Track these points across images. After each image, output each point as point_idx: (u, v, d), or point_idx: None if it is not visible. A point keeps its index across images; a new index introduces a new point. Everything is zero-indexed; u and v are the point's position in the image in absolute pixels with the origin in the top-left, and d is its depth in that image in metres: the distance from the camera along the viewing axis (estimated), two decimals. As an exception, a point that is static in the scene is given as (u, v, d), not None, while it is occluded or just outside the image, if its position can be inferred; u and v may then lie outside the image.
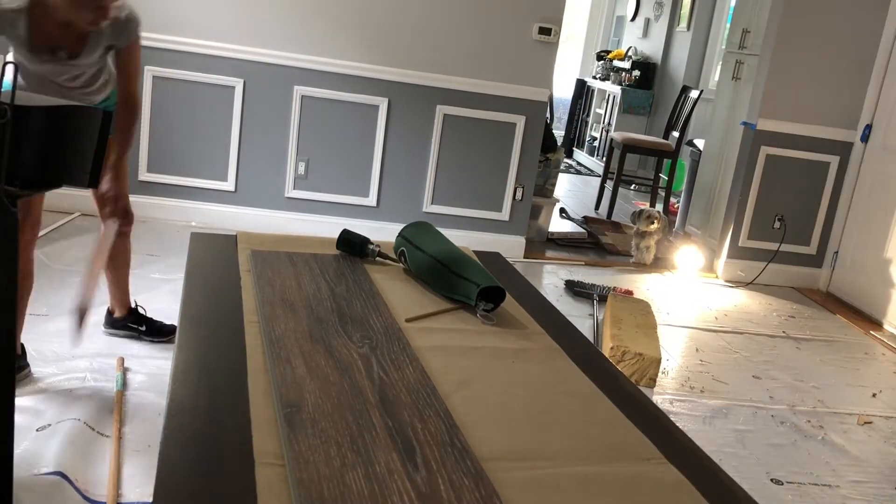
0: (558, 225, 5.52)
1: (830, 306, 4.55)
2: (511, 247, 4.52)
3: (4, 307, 1.26)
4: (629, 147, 6.10)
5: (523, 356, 1.42)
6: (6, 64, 1.13)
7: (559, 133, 8.38)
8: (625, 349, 3.09)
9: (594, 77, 8.82)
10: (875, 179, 4.50)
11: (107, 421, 2.30)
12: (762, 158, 4.61)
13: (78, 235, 3.80)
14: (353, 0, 4.16)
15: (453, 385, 1.26)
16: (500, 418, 1.18)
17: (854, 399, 3.31)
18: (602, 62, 8.74)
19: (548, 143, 4.90)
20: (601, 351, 2.22)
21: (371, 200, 4.43)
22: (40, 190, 1.28)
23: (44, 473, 2.01)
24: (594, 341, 3.51)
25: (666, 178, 6.38)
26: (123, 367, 2.62)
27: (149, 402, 2.44)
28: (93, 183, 1.33)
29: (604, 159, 7.35)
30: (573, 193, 6.92)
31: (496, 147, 4.46)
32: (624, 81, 8.03)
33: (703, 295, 4.45)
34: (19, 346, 2.54)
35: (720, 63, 6.13)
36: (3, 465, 1.30)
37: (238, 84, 4.18)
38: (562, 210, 5.92)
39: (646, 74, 8.02)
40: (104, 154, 1.35)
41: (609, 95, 8.25)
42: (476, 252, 2.01)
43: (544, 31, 4.31)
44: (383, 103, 4.30)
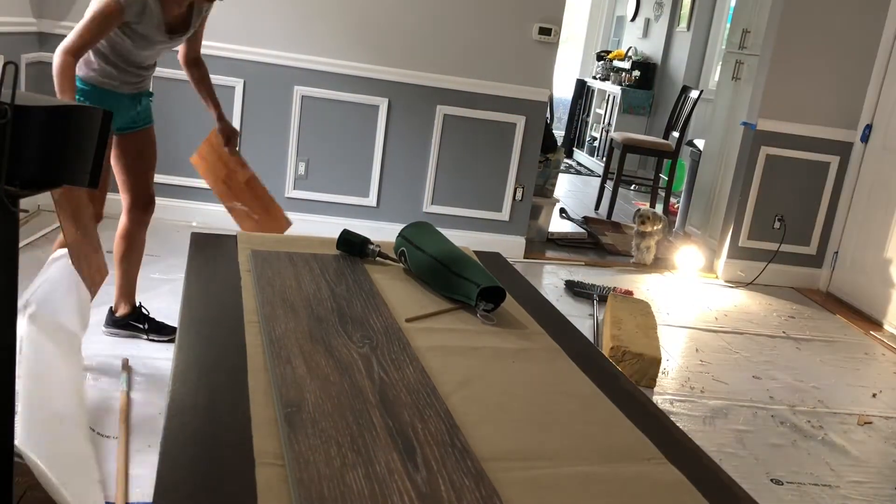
0: (558, 225, 5.52)
1: (830, 306, 4.55)
2: (511, 247, 4.52)
3: (4, 307, 1.26)
4: (629, 147, 6.10)
5: (523, 356, 1.42)
6: (6, 64, 1.13)
7: (559, 133, 8.38)
8: (625, 349, 3.09)
9: (594, 77, 8.82)
10: (875, 179, 4.50)
11: (107, 421, 2.30)
12: (762, 158, 4.61)
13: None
14: (353, 0, 4.16)
15: (453, 385, 1.26)
16: (500, 418, 1.18)
17: (854, 399, 3.31)
18: (602, 62, 8.74)
19: (548, 144, 4.90)
20: (601, 351, 2.22)
21: (371, 200, 4.43)
22: (41, 190, 1.28)
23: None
24: (594, 341, 3.51)
25: (666, 179, 6.38)
26: (129, 368, 2.62)
27: (149, 402, 2.44)
28: (93, 183, 1.33)
29: (604, 159, 7.35)
30: (573, 193, 6.91)
31: (496, 147, 4.46)
32: (624, 81, 8.03)
33: (703, 295, 4.45)
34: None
35: (720, 63, 6.13)
36: (3, 465, 1.30)
37: (238, 84, 4.18)
38: (562, 210, 5.92)
39: (646, 74, 8.02)
40: (104, 153, 1.35)
41: (609, 95, 8.25)
42: (476, 252, 2.01)
43: (544, 31, 4.31)
44: (383, 103, 4.30)
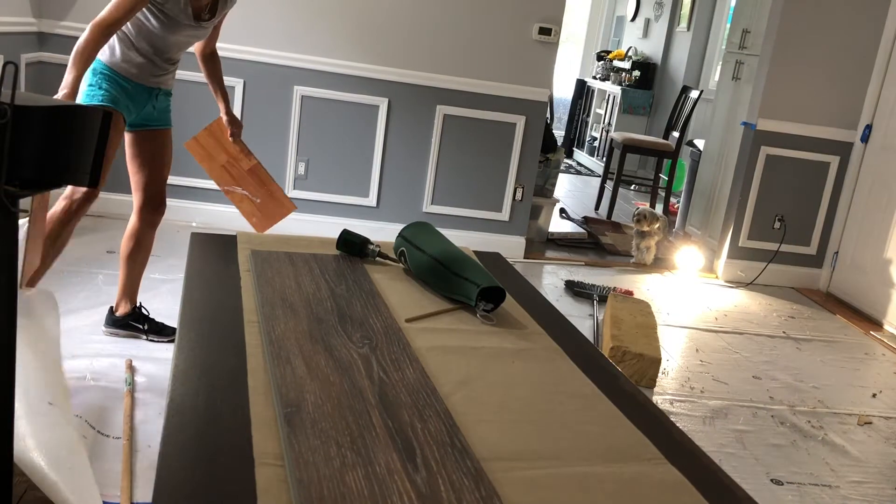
0: (558, 225, 5.52)
1: (830, 306, 4.55)
2: (511, 247, 4.51)
3: (4, 307, 1.26)
4: (629, 147, 6.10)
5: (523, 356, 1.42)
6: (6, 64, 1.13)
7: (559, 133, 8.38)
8: (625, 349, 3.09)
9: (594, 77, 8.82)
10: (875, 179, 4.50)
11: (108, 421, 2.30)
12: (762, 158, 4.61)
13: (81, 235, 3.79)
14: (353, 0, 4.16)
15: (453, 385, 1.26)
16: (500, 418, 1.18)
17: (854, 399, 3.31)
18: (602, 62, 8.74)
19: (548, 144, 4.90)
20: (601, 351, 2.22)
21: (371, 200, 4.43)
22: (41, 190, 1.28)
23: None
24: (594, 341, 3.51)
25: (666, 179, 6.38)
26: (133, 368, 2.62)
27: (149, 402, 2.44)
28: (93, 182, 1.33)
29: (604, 159, 7.35)
30: (573, 193, 6.91)
31: (496, 147, 4.46)
32: (624, 81, 8.02)
33: (703, 295, 4.45)
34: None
35: (720, 63, 6.13)
36: (3, 465, 1.30)
37: (238, 84, 4.18)
38: (562, 210, 5.92)
39: (646, 74, 8.02)
40: (104, 153, 1.35)
41: (609, 95, 8.25)
42: (476, 252, 2.01)
43: (544, 31, 4.31)
44: (383, 103, 4.30)
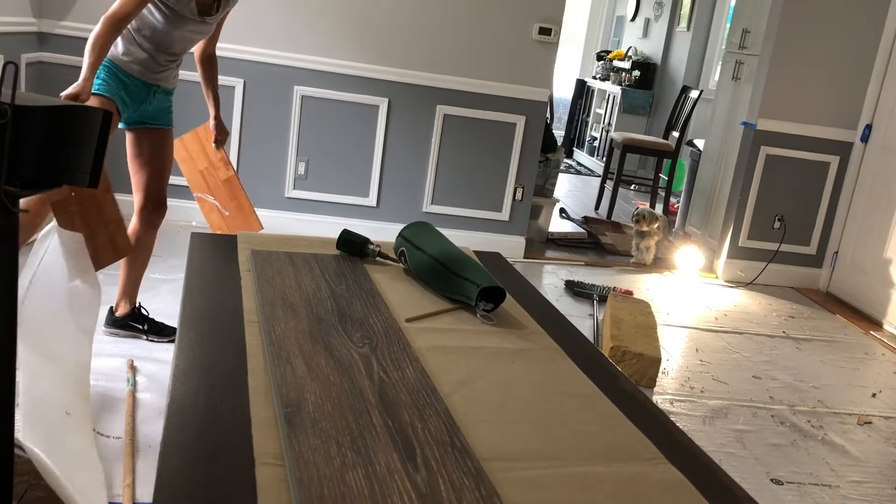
0: (558, 225, 5.52)
1: (830, 306, 4.55)
2: (511, 247, 4.51)
3: (5, 307, 1.26)
4: (629, 147, 6.10)
5: (523, 356, 1.42)
6: (6, 64, 1.13)
7: (559, 133, 8.38)
8: (625, 349, 3.09)
9: (594, 77, 8.82)
10: (875, 179, 4.50)
11: (108, 421, 2.30)
12: (762, 158, 4.61)
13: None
14: (353, 0, 4.16)
15: (453, 385, 1.26)
16: (500, 418, 1.18)
17: (854, 399, 3.31)
18: (602, 62, 8.74)
19: (548, 143, 4.90)
20: (601, 351, 2.22)
21: (371, 200, 4.43)
22: (41, 190, 1.28)
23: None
24: (594, 341, 3.51)
25: (666, 178, 6.38)
26: (135, 368, 2.62)
27: (149, 402, 2.44)
28: (93, 183, 1.33)
29: (604, 159, 7.35)
30: (573, 193, 6.91)
31: (496, 147, 4.46)
32: (624, 81, 8.02)
33: (703, 295, 4.45)
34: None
35: (720, 63, 6.13)
36: (3, 464, 1.30)
37: (238, 84, 4.18)
38: (562, 210, 5.92)
39: (646, 74, 8.02)
40: (104, 153, 1.35)
41: (609, 95, 8.25)
42: (476, 252, 2.01)
43: (544, 31, 4.31)
44: (383, 103, 4.30)
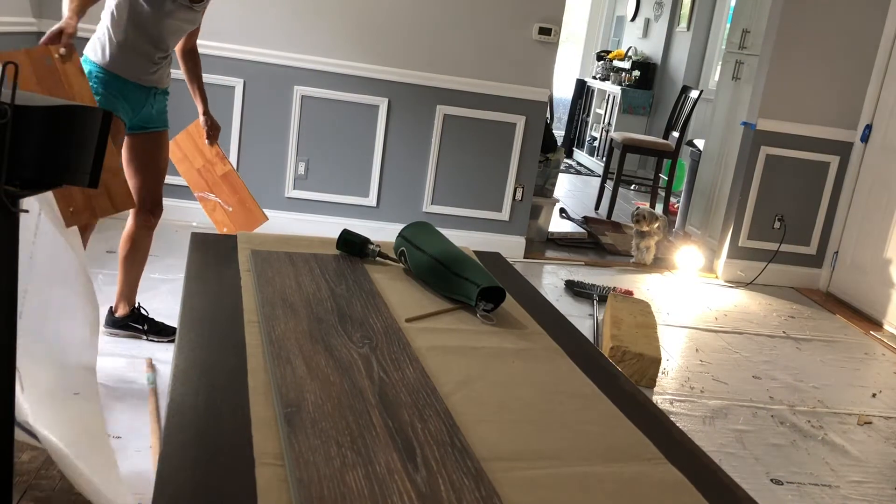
0: (558, 225, 5.52)
1: (830, 306, 4.55)
2: (511, 247, 4.51)
3: (5, 307, 1.26)
4: (629, 147, 6.10)
5: (523, 356, 1.42)
6: (6, 64, 1.13)
7: (559, 133, 8.38)
8: (625, 349, 3.09)
9: (594, 77, 8.82)
10: (875, 179, 4.50)
11: (108, 420, 2.30)
12: (762, 158, 4.61)
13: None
14: (353, 0, 4.16)
15: (453, 385, 1.26)
16: (500, 418, 1.18)
17: (854, 399, 3.31)
18: (602, 62, 8.73)
19: (548, 143, 4.90)
20: (601, 351, 2.22)
21: (371, 200, 4.43)
22: (41, 190, 1.28)
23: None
24: (594, 341, 3.51)
25: (666, 178, 6.37)
26: (153, 367, 2.62)
27: (149, 403, 2.44)
28: (93, 183, 1.33)
29: (604, 159, 7.35)
30: (573, 193, 6.91)
31: (496, 147, 4.46)
32: (624, 81, 8.02)
33: (703, 295, 4.45)
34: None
35: (720, 63, 6.13)
36: (3, 464, 1.30)
37: (238, 84, 4.18)
38: (562, 210, 5.91)
39: (646, 74, 8.01)
40: (104, 153, 1.35)
41: (609, 95, 8.24)
42: (476, 252, 2.01)
43: (544, 31, 4.31)
44: (383, 103, 4.30)
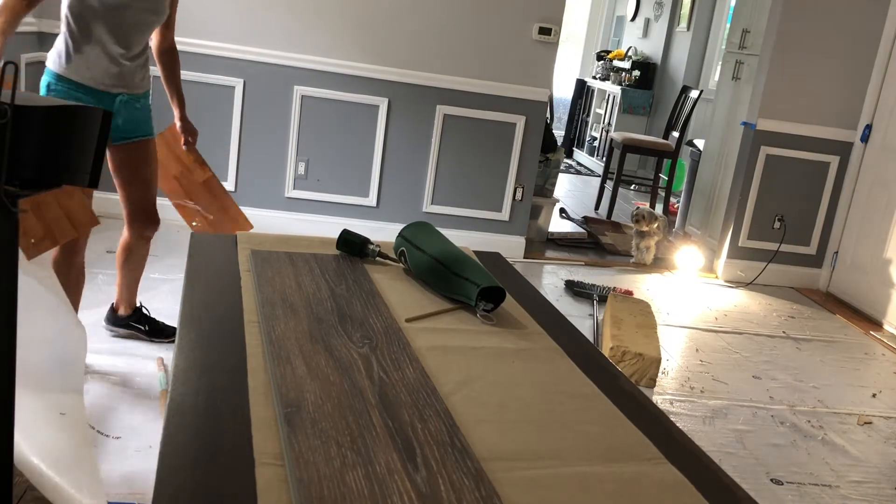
0: (558, 225, 5.52)
1: (830, 306, 4.55)
2: (511, 247, 4.51)
3: (5, 307, 1.26)
4: (629, 147, 6.10)
5: (523, 356, 1.42)
6: (6, 64, 1.13)
7: (559, 133, 8.38)
8: (625, 349, 3.09)
9: (594, 77, 8.82)
10: (875, 179, 4.50)
11: (108, 420, 2.30)
12: (762, 158, 4.61)
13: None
14: (354, 0, 4.16)
15: (453, 385, 1.26)
16: (500, 418, 1.18)
17: (854, 399, 3.31)
18: (602, 62, 8.73)
19: (548, 143, 4.90)
20: (601, 351, 2.22)
21: (371, 200, 4.43)
22: (40, 190, 1.28)
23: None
24: (594, 341, 3.51)
25: (666, 178, 6.38)
26: (165, 367, 2.62)
27: (149, 402, 2.44)
28: (93, 183, 1.33)
29: (604, 159, 7.35)
30: (573, 193, 6.91)
31: (496, 147, 4.46)
32: (624, 81, 8.02)
33: (703, 295, 4.45)
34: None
35: (720, 63, 6.13)
36: (3, 465, 1.30)
37: (238, 84, 4.18)
38: (562, 210, 5.91)
39: (646, 74, 8.01)
40: (104, 154, 1.35)
41: (609, 95, 8.24)
42: (476, 252, 2.01)
43: (544, 31, 4.31)
44: (383, 103, 4.30)
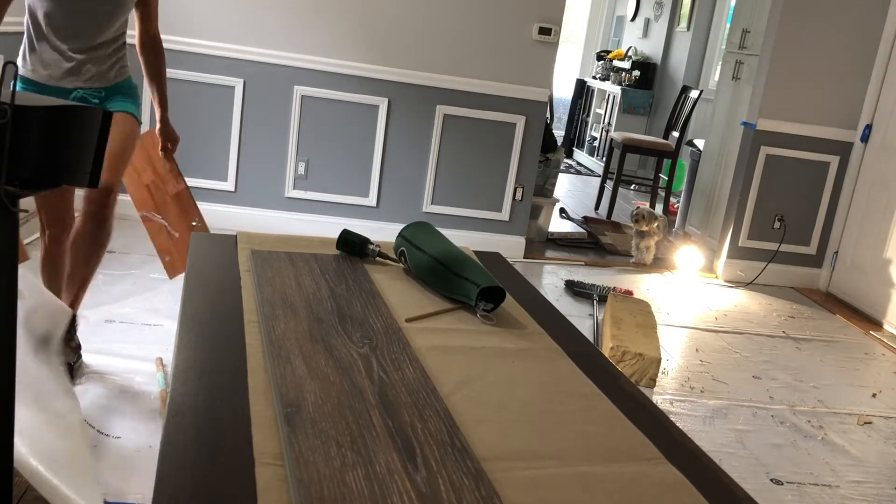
0: (558, 225, 5.52)
1: (830, 306, 4.55)
2: (511, 247, 4.51)
3: (4, 307, 1.26)
4: (629, 147, 6.10)
5: (523, 356, 1.42)
6: (6, 64, 1.13)
7: (559, 133, 8.38)
8: (625, 349, 3.09)
9: (594, 77, 8.82)
10: (875, 179, 4.50)
11: (108, 420, 2.30)
12: (762, 158, 4.61)
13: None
14: (353, 0, 4.16)
15: (453, 385, 1.26)
16: (500, 418, 1.18)
17: (854, 399, 3.31)
18: (602, 62, 8.73)
19: (548, 143, 4.90)
20: (601, 351, 2.22)
21: (371, 200, 4.43)
22: (40, 190, 1.28)
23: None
24: (594, 341, 3.51)
25: (666, 178, 6.37)
26: (164, 367, 2.62)
27: (149, 402, 2.44)
28: (93, 182, 1.34)
29: (604, 159, 7.35)
30: (573, 193, 6.91)
31: (496, 147, 4.46)
32: (624, 81, 8.02)
33: (703, 295, 4.45)
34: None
35: (720, 63, 6.13)
36: (3, 465, 1.31)
37: (238, 84, 4.18)
38: (562, 210, 5.91)
39: (646, 74, 8.01)
40: (104, 153, 1.35)
41: (609, 95, 8.24)
42: (476, 252, 2.01)
43: (544, 31, 4.31)
44: (383, 103, 4.30)
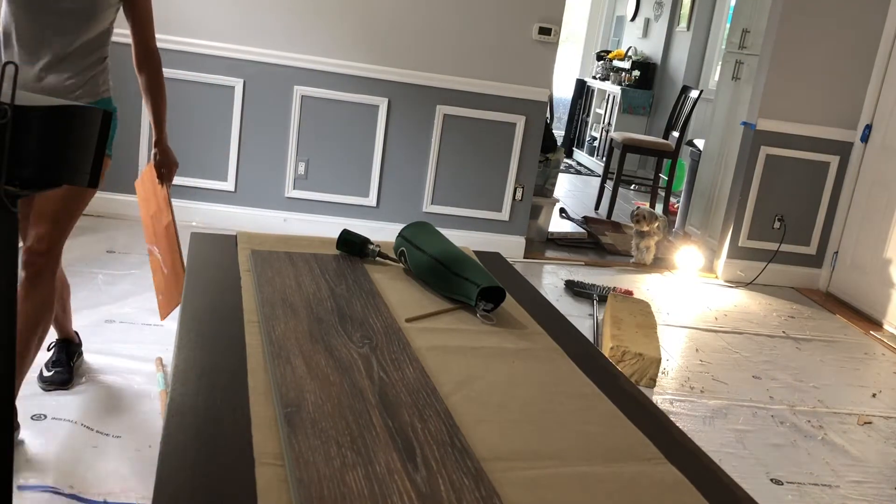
0: (558, 225, 5.52)
1: (830, 306, 4.55)
2: (511, 247, 4.51)
3: (4, 307, 1.26)
4: (629, 147, 6.10)
5: (523, 356, 1.42)
6: (6, 64, 1.13)
7: (559, 133, 8.38)
8: (625, 349, 3.09)
9: (594, 77, 8.82)
10: (875, 179, 4.50)
11: (108, 420, 2.30)
12: (762, 158, 4.61)
13: (81, 235, 3.80)
14: (353, 0, 4.16)
15: (453, 385, 1.26)
16: (500, 418, 1.18)
17: (854, 399, 3.31)
18: (602, 62, 8.73)
19: (548, 143, 4.90)
20: (601, 351, 2.22)
21: (371, 200, 4.43)
22: (40, 190, 1.28)
23: (31, 486, 1.99)
24: (594, 341, 3.51)
25: (666, 178, 6.37)
26: (164, 367, 2.62)
27: (149, 402, 2.44)
28: (93, 183, 1.34)
29: (604, 159, 7.35)
30: (573, 193, 6.91)
31: (496, 147, 4.46)
32: (624, 81, 8.02)
33: (703, 295, 4.45)
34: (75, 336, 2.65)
35: (720, 63, 6.13)
36: (3, 465, 1.30)
37: (238, 84, 4.18)
38: (562, 210, 5.91)
39: (646, 74, 8.01)
40: (104, 153, 1.35)
41: (609, 95, 8.24)
42: (476, 252, 2.01)
43: (544, 31, 4.31)
44: (383, 103, 4.30)
